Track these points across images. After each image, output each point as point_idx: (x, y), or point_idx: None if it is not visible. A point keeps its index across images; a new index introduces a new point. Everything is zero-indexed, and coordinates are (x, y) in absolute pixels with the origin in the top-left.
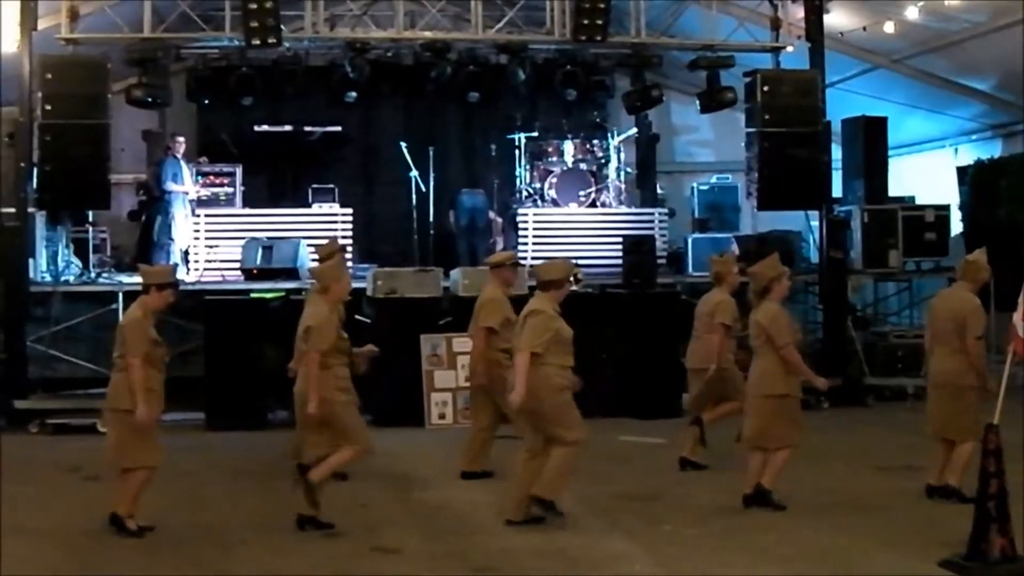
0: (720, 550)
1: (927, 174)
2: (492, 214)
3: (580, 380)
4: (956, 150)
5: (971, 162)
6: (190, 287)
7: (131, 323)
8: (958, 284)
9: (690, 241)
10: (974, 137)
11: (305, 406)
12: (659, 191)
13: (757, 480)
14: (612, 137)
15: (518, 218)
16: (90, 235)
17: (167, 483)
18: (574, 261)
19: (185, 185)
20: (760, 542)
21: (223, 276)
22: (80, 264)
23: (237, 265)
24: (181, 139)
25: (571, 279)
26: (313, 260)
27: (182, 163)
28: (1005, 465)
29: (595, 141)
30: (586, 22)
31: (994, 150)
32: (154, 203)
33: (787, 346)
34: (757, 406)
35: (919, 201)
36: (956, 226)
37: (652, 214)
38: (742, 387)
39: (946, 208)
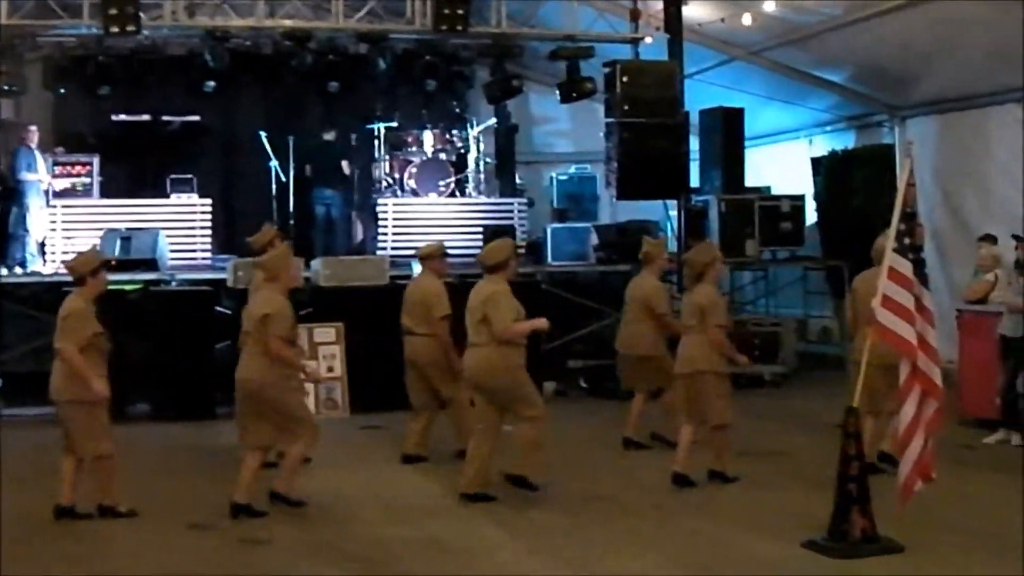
0: (591, 537)
1: (783, 165)
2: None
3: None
4: (811, 141)
5: (825, 153)
6: (47, 279)
7: (75, 313)
8: (875, 268)
9: (549, 231)
10: (828, 128)
11: (252, 392)
12: (518, 181)
13: (685, 456)
14: (472, 127)
15: (377, 208)
16: None
17: (28, 479)
18: None
19: (40, 174)
20: (630, 528)
21: None
22: None
23: None
24: (33, 128)
25: (516, 257)
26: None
27: (36, 153)
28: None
29: (455, 131)
30: (447, 12)
31: (848, 141)
32: (8, 194)
33: (723, 327)
34: (692, 383)
35: (775, 191)
36: (811, 216)
37: (512, 204)
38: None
39: (801, 198)
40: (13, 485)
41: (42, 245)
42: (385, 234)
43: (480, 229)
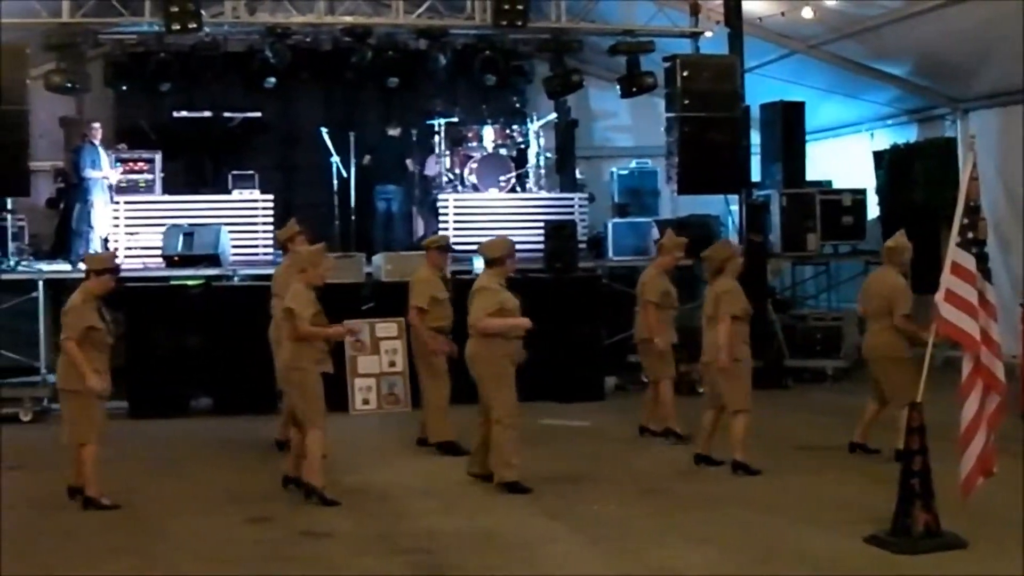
0: (648, 529)
1: (844, 158)
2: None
3: (526, 352)
4: (872, 135)
5: (887, 146)
6: None
7: (70, 308)
8: (884, 267)
9: (610, 226)
10: (890, 122)
11: (287, 380)
12: (578, 176)
13: (709, 437)
14: (531, 122)
15: (438, 204)
16: (8, 223)
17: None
18: None
19: (104, 171)
20: (687, 521)
21: (144, 263)
22: None
23: (158, 252)
24: (97, 125)
25: (513, 253)
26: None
27: (100, 149)
28: (929, 443)
29: (515, 126)
30: (506, 7)
31: (910, 135)
32: (72, 190)
33: (738, 318)
34: (711, 370)
35: (836, 185)
36: (873, 210)
37: (572, 199)
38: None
39: (863, 192)
40: (66, 478)
41: (105, 241)
42: (446, 229)
43: (541, 224)
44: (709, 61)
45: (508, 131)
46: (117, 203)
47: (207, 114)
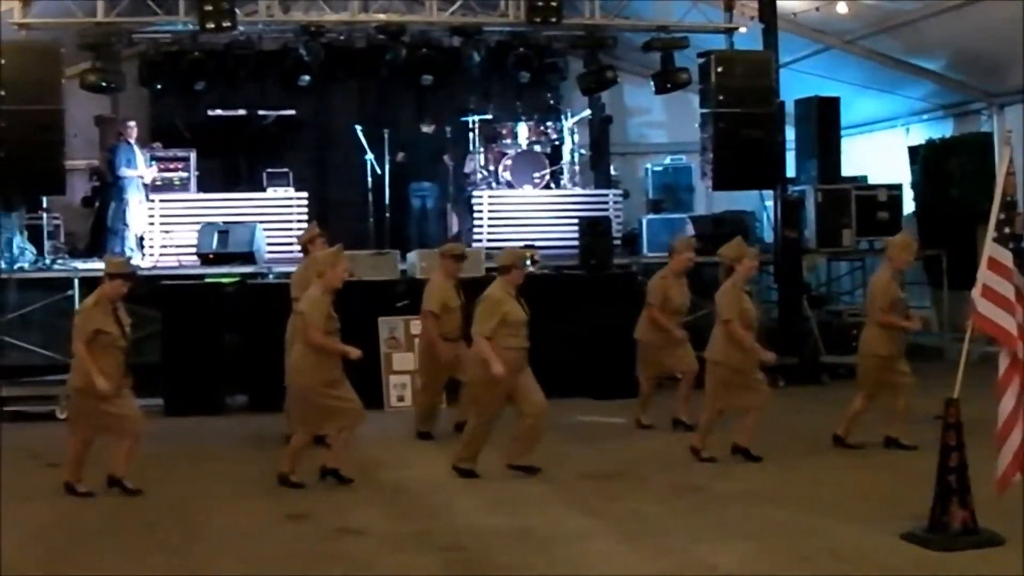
0: (685, 526)
1: (879, 154)
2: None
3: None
4: (908, 130)
5: (923, 142)
6: (146, 273)
7: (82, 311)
8: (886, 264)
9: (645, 222)
10: (925, 117)
11: (293, 379)
12: (613, 172)
13: (740, 430)
14: (566, 119)
15: (473, 201)
16: (44, 221)
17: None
18: (530, 243)
19: (139, 169)
20: (723, 518)
21: (179, 261)
22: (35, 251)
23: (193, 250)
24: (132, 124)
25: (522, 264)
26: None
27: (135, 148)
28: (965, 439)
29: (549, 123)
30: (540, 4)
31: (945, 130)
32: (108, 189)
33: (729, 321)
34: (707, 369)
35: (872, 181)
36: (908, 205)
37: (607, 195)
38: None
39: (898, 187)
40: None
41: (141, 239)
42: (480, 226)
43: (575, 221)
44: (744, 57)
45: (542, 128)
46: (152, 201)
47: (241, 112)
